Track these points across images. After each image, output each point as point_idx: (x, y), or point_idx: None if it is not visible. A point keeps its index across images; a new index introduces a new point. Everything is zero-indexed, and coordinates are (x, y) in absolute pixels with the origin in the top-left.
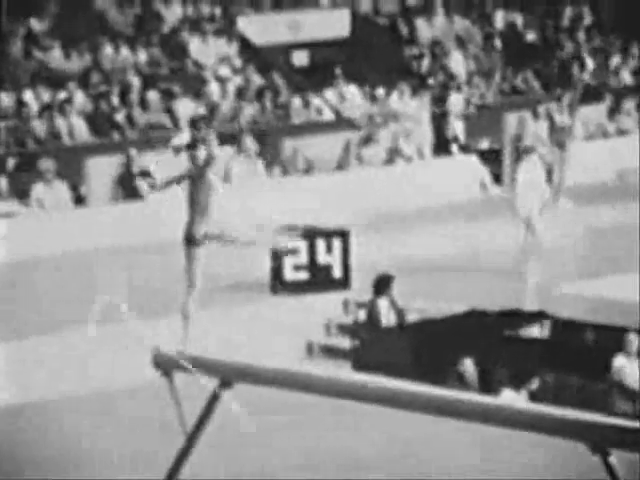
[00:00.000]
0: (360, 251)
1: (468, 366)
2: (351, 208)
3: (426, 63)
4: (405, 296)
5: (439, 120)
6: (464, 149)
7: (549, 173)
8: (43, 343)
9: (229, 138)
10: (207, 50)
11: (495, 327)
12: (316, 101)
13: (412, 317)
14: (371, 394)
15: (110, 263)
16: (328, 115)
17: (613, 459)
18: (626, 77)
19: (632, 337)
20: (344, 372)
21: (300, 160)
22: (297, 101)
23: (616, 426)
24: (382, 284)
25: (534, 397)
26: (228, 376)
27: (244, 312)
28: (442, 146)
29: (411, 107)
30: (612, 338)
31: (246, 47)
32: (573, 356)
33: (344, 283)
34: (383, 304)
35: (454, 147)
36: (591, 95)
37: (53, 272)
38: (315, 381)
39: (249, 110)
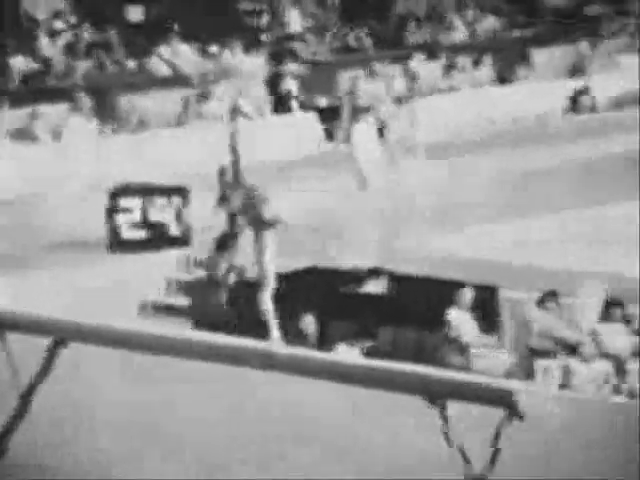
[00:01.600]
0: (201, 208)
1: (309, 322)
2: (191, 165)
3: (264, 19)
4: (246, 254)
5: (274, 78)
6: (302, 107)
7: (381, 131)
8: None
9: (63, 95)
10: (39, 4)
11: (334, 284)
12: (151, 58)
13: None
14: (208, 351)
15: None
16: (163, 72)
17: (448, 412)
18: (461, 35)
19: (465, 291)
20: (181, 330)
21: (134, 117)
22: (132, 58)
23: (449, 378)
24: (225, 241)
25: (370, 352)
26: (63, 335)
27: (80, 271)
28: (280, 104)
29: (246, 64)
30: (446, 292)
31: (79, 2)
32: (409, 310)
33: (183, 241)
34: (222, 261)
35: (293, 105)
36: (427, 52)
37: None
38: (149, 339)
39: (84, 66)
